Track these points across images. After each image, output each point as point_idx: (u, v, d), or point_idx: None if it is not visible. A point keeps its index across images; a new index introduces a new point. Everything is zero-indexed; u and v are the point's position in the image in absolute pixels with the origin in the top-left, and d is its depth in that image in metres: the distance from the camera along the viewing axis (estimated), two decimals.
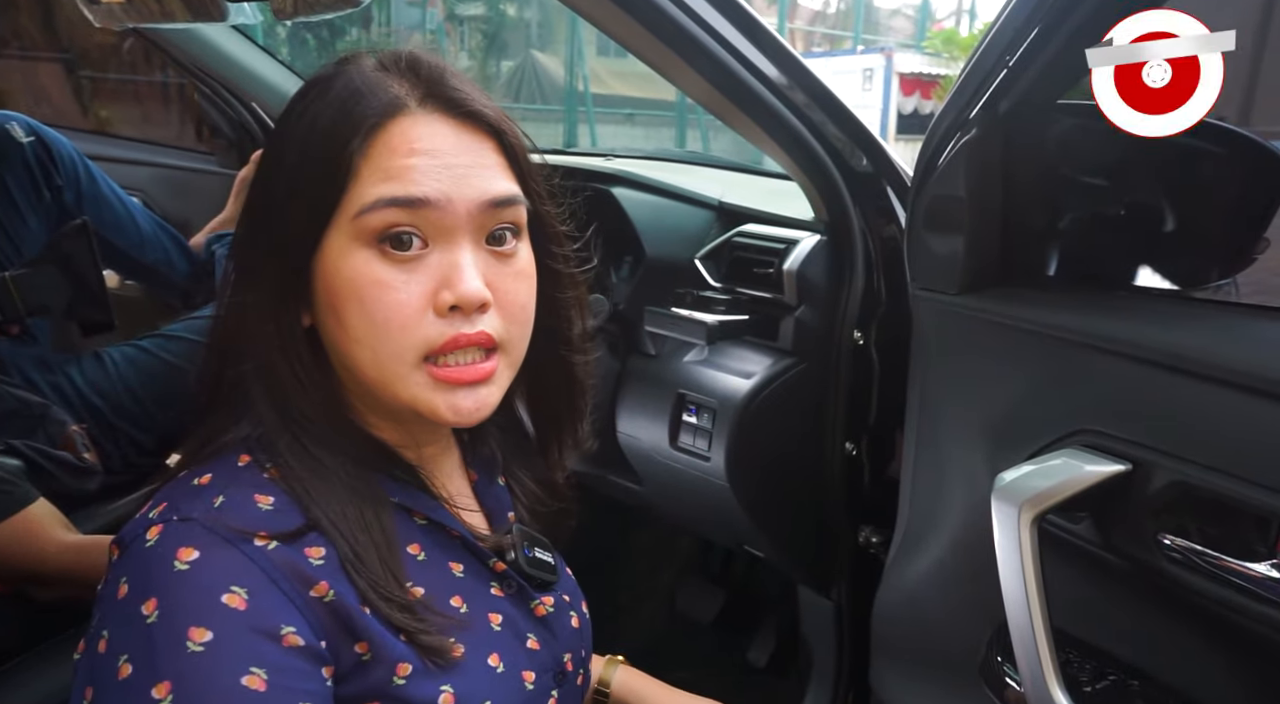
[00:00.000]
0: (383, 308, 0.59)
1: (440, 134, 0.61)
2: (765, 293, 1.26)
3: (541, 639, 0.71)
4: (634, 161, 1.74)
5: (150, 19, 1.13)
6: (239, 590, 0.53)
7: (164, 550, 0.53)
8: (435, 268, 0.60)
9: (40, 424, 1.21)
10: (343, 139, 0.59)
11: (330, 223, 0.60)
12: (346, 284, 0.59)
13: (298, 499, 0.59)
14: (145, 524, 0.56)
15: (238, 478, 0.60)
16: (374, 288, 0.59)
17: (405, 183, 0.59)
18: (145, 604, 0.52)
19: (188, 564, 0.53)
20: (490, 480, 0.78)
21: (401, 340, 0.59)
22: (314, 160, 0.60)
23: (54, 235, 1.39)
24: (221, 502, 0.57)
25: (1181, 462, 0.72)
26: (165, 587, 0.52)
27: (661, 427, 1.31)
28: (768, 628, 1.61)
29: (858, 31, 17.11)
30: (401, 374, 0.60)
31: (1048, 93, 0.86)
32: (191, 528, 0.55)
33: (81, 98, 3.93)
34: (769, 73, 1.05)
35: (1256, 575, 0.66)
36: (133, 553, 0.55)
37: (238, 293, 0.63)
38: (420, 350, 0.60)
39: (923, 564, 1.02)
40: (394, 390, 0.61)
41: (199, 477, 0.60)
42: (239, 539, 0.55)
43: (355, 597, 0.58)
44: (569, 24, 11.36)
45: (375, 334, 0.59)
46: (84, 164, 1.46)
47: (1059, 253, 0.95)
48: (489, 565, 0.69)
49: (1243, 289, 0.84)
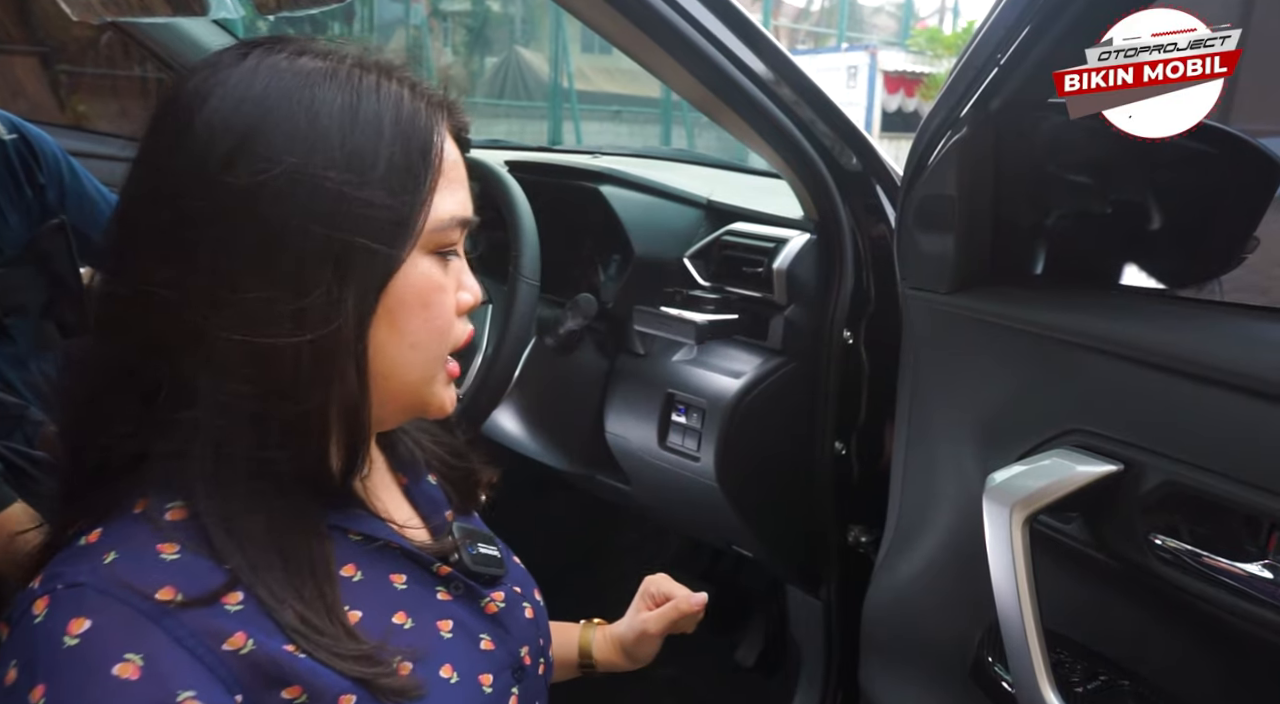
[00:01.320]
0: (443, 312, 0.62)
1: (452, 148, 0.63)
2: (754, 292, 1.26)
3: (496, 638, 0.69)
4: (622, 159, 1.73)
5: (129, 12, 1.11)
6: (134, 658, 0.48)
7: (53, 625, 0.49)
8: (454, 273, 0.63)
9: (18, 424, 1.19)
10: (423, 142, 0.58)
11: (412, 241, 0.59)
12: (415, 292, 0.60)
13: (210, 543, 0.54)
14: (31, 597, 0.51)
15: (133, 527, 0.54)
16: (438, 294, 0.61)
17: (462, 201, 0.62)
18: (33, 692, 0.47)
19: (78, 638, 0.48)
20: (418, 480, 0.75)
21: (446, 341, 0.63)
22: (395, 165, 0.57)
23: (32, 235, 1.36)
24: (114, 557, 0.52)
25: (1172, 461, 0.72)
26: (53, 668, 0.48)
27: (650, 426, 1.30)
28: (756, 627, 1.61)
29: (842, 29, 17.17)
30: (436, 371, 0.64)
31: (1039, 92, 0.85)
32: (82, 594, 0.50)
33: (59, 92, 3.88)
34: (758, 70, 1.04)
35: (1248, 575, 0.66)
36: (21, 631, 0.50)
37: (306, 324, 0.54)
38: (450, 347, 0.64)
39: (913, 564, 1.02)
40: (423, 389, 0.64)
41: (86, 534, 0.54)
42: (136, 599, 0.50)
43: (279, 640, 0.53)
44: (553, 20, 11.33)
45: (432, 338, 0.62)
46: (67, 161, 1.44)
47: (1050, 252, 0.95)
48: (433, 571, 0.67)
49: (1234, 288, 0.84)
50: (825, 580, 1.32)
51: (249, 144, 0.53)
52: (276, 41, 0.58)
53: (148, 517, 0.54)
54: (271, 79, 0.55)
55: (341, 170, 0.55)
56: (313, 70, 0.56)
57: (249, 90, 0.55)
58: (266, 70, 0.56)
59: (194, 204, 0.53)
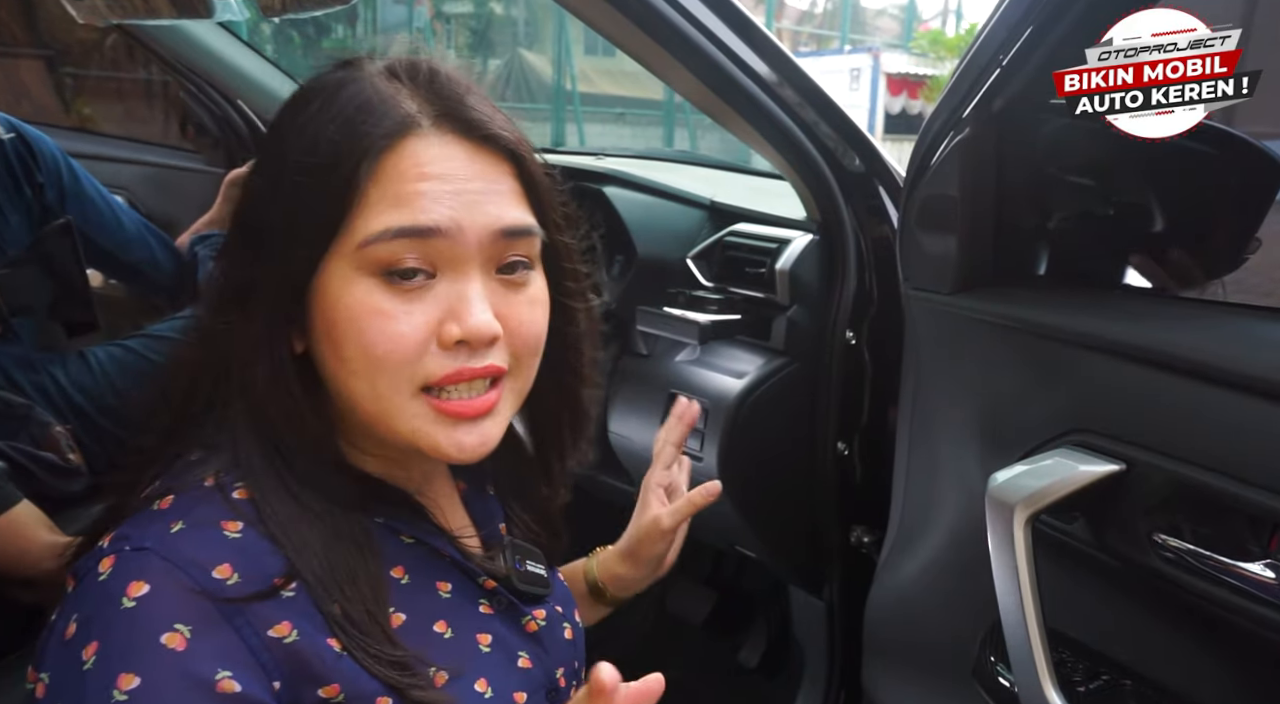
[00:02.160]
0: (383, 340, 0.55)
1: (454, 157, 0.57)
2: (757, 292, 1.26)
3: (534, 657, 0.68)
4: (625, 161, 1.73)
5: (134, 15, 1.11)
6: (182, 628, 0.50)
7: (114, 585, 0.51)
8: (442, 298, 0.57)
9: (24, 425, 1.20)
10: (351, 160, 0.55)
11: (332, 248, 0.56)
12: (345, 314, 0.56)
13: (271, 533, 0.55)
14: (99, 554, 0.53)
15: (201, 501, 0.56)
16: (375, 318, 0.55)
17: (414, 210, 0.55)
18: (86, 648, 0.49)
19: (135, 600, 0.50)
20: (479, 491, 0.76)
21: (399, 373, 0.56)
22: (318, 180, 0.56)
23: (37, 235, 1.37)
24: (181, 528, 0.53)
25: (1175, 461, 0.72)
26: (107, 627, 0.50)
27: (653, 427, 1.30)
28: (759, 628, 1.61)
29: (845, 31, 17.17)
30: (400, 405, 0.57)
31: (1041, 93, 0.86)
32: (145, 558, 0.51)
33: (64, 95, 3.89)
34: (761, 71, 1.05)
35: (1251, 575, 0.66)
36: (85, 587, 0.52)
37: (226, 313, 0.59)
38: (419, 382, 0.57)
39: (915, 564, 1.02)
40: (392, 424, 0.58)
41: (159, 499, 0.56)
42: (195, 571, 0.51)
43: (324, 638, 0.54)
44: (557, 22, 11.34)
45: (372, 366, 0.56)
46: (66, 162, 1.44)
47: (1052, 252, 0.95)
48: (478, 583, 0.67)
49: (1236, 288, 0.84)
50: (828, 581, 1.32)
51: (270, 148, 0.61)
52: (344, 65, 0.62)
53: (216, 493, 0.56)
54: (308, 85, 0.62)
55: (290, 185, 0.57)
56: (336, 81, 0.60)
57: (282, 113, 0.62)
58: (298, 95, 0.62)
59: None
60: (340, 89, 0.59)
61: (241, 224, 0.62)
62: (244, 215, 0.62)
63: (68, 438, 1.23)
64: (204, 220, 1.71)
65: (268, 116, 1.93)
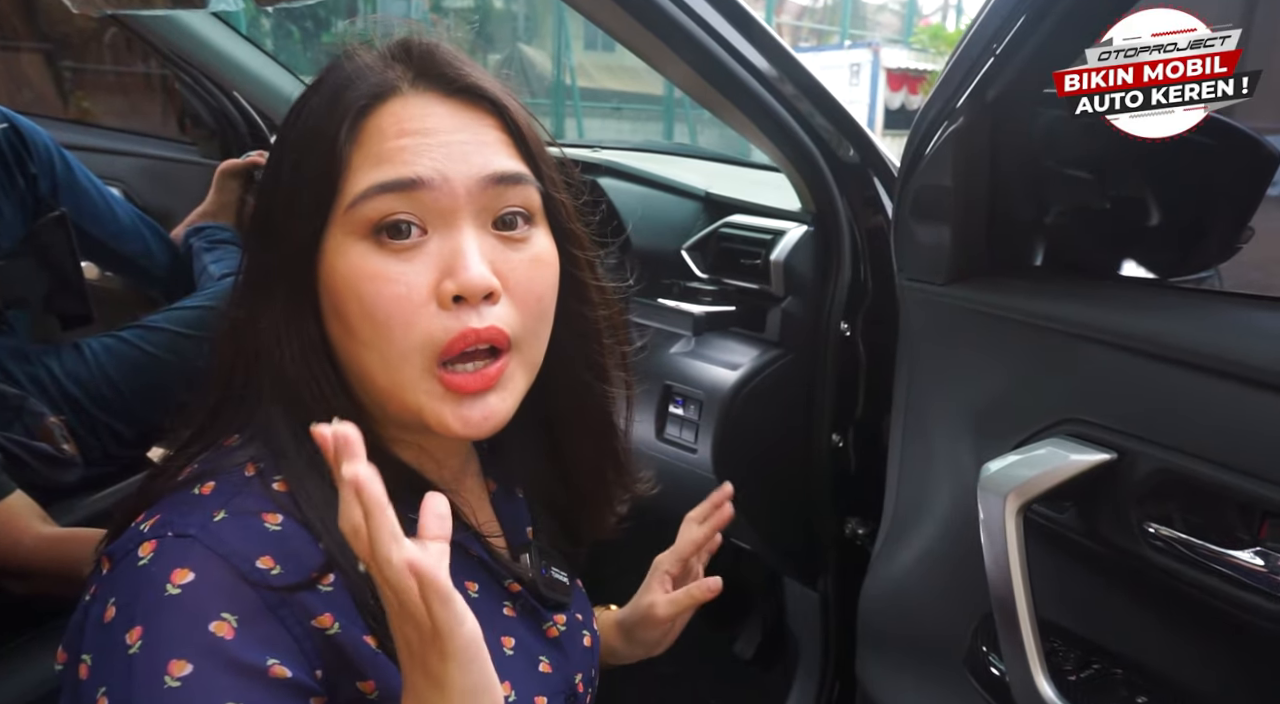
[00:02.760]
0: (383, 303, 0.54)
1: (434, 113, 0.57)
2: (752, 284, 1.26)
3: (554, 662, 0.68)
4: (620, 152, 1.73)
5: (130, 5, 1.11)
6: (229, 617, 0.50)
7: (157, 571, 0.50)
8: (436, 255, 0.56)
9: (17, 415, 1.20)
10: (332, 129, 0.56)
11: (328, 220, 0.56)
12: (344, 281, 0.55)
13: (310, 524, 0.55)
14: (138, 538, 0.52)
15: (243, 491, 0.55)
16: (372, 282, 0.55)
17: (396, 165, 0.55)
18: (130, 632, 0.49)
19: (180, 588, 0.49)
20: (509, 492, 0.74)
21: (406, 338, 0.55)
22: (307, 157, 0.57)
23: (31, 227, 1.37)
24: (223, 517, 0.53)
25: (1166, 450, 0.72)
26: (153, 613, 0.49)
27: (648, 418, 1.30)
28: (754, 620, 1.61)
29: (845, 26, 17.13)
30: (412, 379, 0.56)
31: (1034, 82, 0.85)
32: (189, 546, 0.51)
33: (63, 88, 3.88)
34: (757, 63, 1.04)
35: (1240, 563, 0.67)
36: (123, 570, 0.51)
37: (250, 305, 0.59)
38: (428, 350, 0.55)
39: (909, 554, 1.02)
40: (404, 397, 0.57)
41: (200, 484, 0.55)
42: (239, 561, 0.51)
43: (362, 632, 0.54)
44: (556, 17, 11.32)
45: (379, 333, 0.55)
46: (60, 154, 1.44)
47: (1045, 242, 0.95)
48: (503, 585, 0.67)
49: (1228, 277, 0.84)
50: (823, 572, 1.32)
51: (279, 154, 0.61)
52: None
53: (257, 484, 0.56)
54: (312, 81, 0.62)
55: (290, 150, 0.59)
56: (330, 66, 0.61)
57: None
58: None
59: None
60: (329, 73, 0.61)
61: (255, 212, 0.63)
62: (256, 204, 0.63)
63: (61, 428, 1.23)
64: (198, 212, 1.71)
65: (264, 109, 1.92)
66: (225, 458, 0.57)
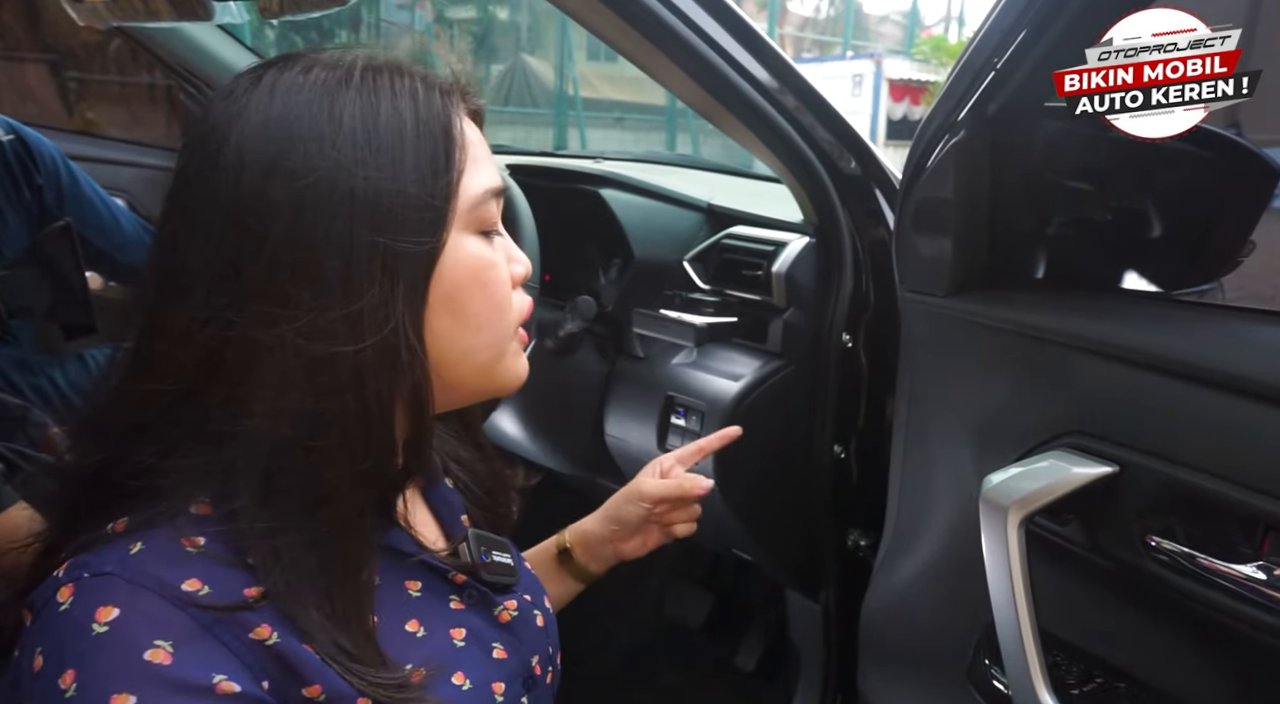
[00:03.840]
0: (499, 287, 0.62)
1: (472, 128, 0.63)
2: (754, 295, 1.26)
3: (508, 647, 0.68)
4: (623, 164, 1.74)
5: (135, 17, 1.11)
6: (163, 644, 0.49)
7: (79, 613, 0.49)
8: (501, 248, 0.64)
9: (20, 426, 1.20)
10: (443, 127, 0.59)
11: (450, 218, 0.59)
12: (469, 273, 0.60)
13: (236, 541, 0.53)
14: (55, 585, 0.51)
15: (157, 519, 0.54)
16: (492, 270, 0.62)
17: (492, 173, 0.62)
18: (62, 677, 0.47)
19: (106, 625, 0.48)
20: (434, 483, 0.75)
21: (509, 316, 0.64)
22: (423, 154, 0.57)
23: (36, 237, 1.37)
24: (140, 548, 0.52)
25: (1168, 463, 0.72)
26: (82, 654, 0.48)
27: (650, 429, 1.30)
28: (756, 632, 1.61)
29: (847, 37, 17.19)
30: (509, 345, 0.65)
31: (1035, 96, 0.86)
32: (108, 582, 0.50)
33: (67, 99, 3.90)
34: (758, 75, 1.05)
35: (1242, 577, 0.66)
36: (45, 618, 0.50)
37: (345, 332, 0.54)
38: (518, 319, 0.65)
39: (910, 566, 1.02)
40: (498, 367, 0.64)
41: (113, 523, 0.54)
42: (164, 588, 0.50)
43: (302, 640, 0.53)
44: (559, 28, 11.37)
45: (494, 315, 0.62)
46: (65, 164, 1.45)
47: (1046, 255, 0.95)
48: (448, 579, 0.67)
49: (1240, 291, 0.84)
50: (824, 584, 1.32)
51: (282, 162, 0.54)
52: (286, 59, 0.59)
53: (175, 510, 0.54)
54: (289, 96, 0.56)
55: (371, 168, 0.55)
56: (327, 80, 0.57)
57: (270, 112, 0.55)
58: (283, 89, 0.56)
59: (240, 229, 0.54)
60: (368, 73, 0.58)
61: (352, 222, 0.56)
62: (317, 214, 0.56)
63: (65, 440, 1.23)
64: None
65: None
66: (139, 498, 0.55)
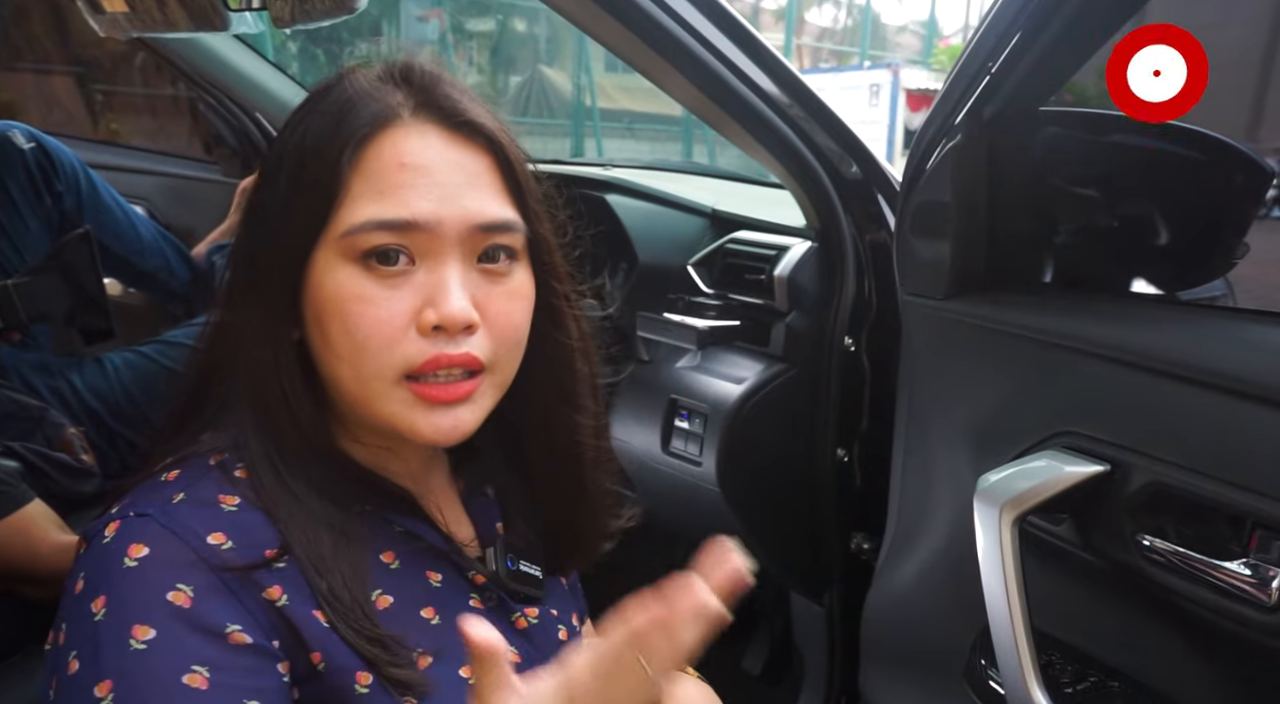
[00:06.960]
0: (365, 324, 0.57)
1: (432, 147, 0.59)
2: (757, 299, 1.27)
3: (522, 652, 0.69)
4: (629, 170, 1.75)
5: (153, 28, 1.14)
6: (185, 588, 0.53)
7: (116, 547, 0.54)
8: (421, 286, 0.58)
9: (38, 426, 1.23)
10: (333, 152, 0.58)
11: (321, 238, 0.59)
12: (330, 300, 0.58)
13: (266, 508, 0.59)
14: (106, 520, 0.57)
15: (204, 476, 0.59)
16: (357, 304, 0.58)
17: (395, 204, 0.57)
18: (95, 601, 0.53)
19: (136, 561, 0.53)
20: (478, 491, 0.76)
21: (381, 358, 0.58)
22: (306, 174, 0.59)
23: (56, 244, 1.41)
24: (182, 498, 0.57)
25: (1159, 462, 0.72)
26: (113, 583, 0.53)
27: (654, 432, 1.31)
28: (761, 635, 1.61)
29: (865, 47, 17.16)
30: (382, 391, 0.59)
31: (1030, 100, 0.87)
32: (146, 524, 0.55)
33: (93, 110, 3.98)
34: (760, 81, 1.06)
35: (1231, 574, 0.67)
36: (92, 548, 0.56)
37: (234, 307, 0.63)
38: (401, 369, 0.58)
39: (911, 568, 1.02)
40: (374, 407, 0.60)
41: (166, 473, 0.60)
42: (191, 537, 0.55)
43: (310, 607, 0.57)
44: (576, 40, 11.44)
45: (356, 351, 0.58)
46: (85, 172, 1.48)
47: (1043, 257, 0.95)
48: (468, 578, 0.68)
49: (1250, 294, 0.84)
50: (828, 587, 1.32)
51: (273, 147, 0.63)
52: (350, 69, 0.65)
53: (219, 470, 0.60)
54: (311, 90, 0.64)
55: (284, 181, 0.60)
56: (332, 82, 0.63)
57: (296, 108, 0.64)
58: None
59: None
60: (331, 90, 0.62)
61: (245, 222, 0.65)
62: (247, 215, 0.65)
63: (81, 440, 1.26)
64: (220, 230, 1.75)
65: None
66: (192, 451, 0.62)
